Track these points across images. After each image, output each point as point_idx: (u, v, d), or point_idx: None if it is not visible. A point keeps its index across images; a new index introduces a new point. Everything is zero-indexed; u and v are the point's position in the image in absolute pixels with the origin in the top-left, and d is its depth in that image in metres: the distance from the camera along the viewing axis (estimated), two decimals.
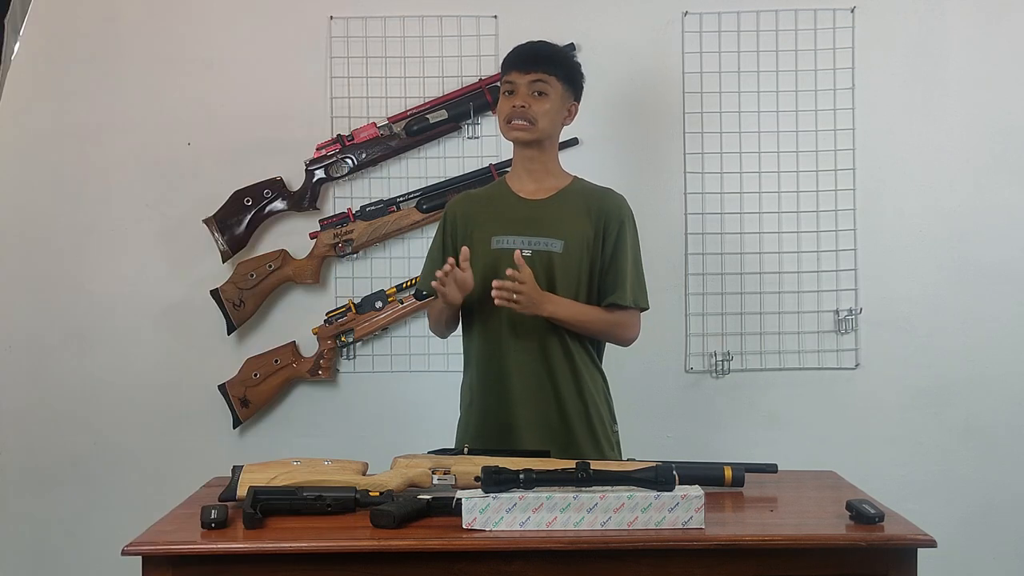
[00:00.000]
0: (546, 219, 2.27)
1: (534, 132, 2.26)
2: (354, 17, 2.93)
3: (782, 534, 1.71)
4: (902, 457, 2.94)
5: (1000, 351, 2.94)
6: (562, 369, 2.24)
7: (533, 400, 2.23)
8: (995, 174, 2.94)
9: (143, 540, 1.69)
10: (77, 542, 2.94)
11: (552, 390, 2.24)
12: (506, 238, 2.27)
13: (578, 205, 2.30)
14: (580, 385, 2.25)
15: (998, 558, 2.95)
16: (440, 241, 2.37)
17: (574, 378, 2.25)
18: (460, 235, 2.32)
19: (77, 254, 2.95)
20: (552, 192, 2.31)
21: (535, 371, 2.24)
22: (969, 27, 2.93)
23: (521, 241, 2.26)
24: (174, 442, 2.94)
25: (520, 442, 2.20)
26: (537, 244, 2.25)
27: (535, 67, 2.26)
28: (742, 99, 2.93)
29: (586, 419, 2.25)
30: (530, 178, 2.32)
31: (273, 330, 2.95)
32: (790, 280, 2.94)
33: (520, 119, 2.24)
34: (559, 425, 2.24)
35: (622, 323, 2.29)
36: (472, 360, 2.33)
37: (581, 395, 2.25)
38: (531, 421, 2.23)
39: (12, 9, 1.94)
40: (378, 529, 1.72)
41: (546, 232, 2.26)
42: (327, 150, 2.89)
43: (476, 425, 2.29)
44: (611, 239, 2.28)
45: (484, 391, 2.28)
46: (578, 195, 2.32)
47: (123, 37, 2.94)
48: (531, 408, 2.23)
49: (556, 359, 2.24)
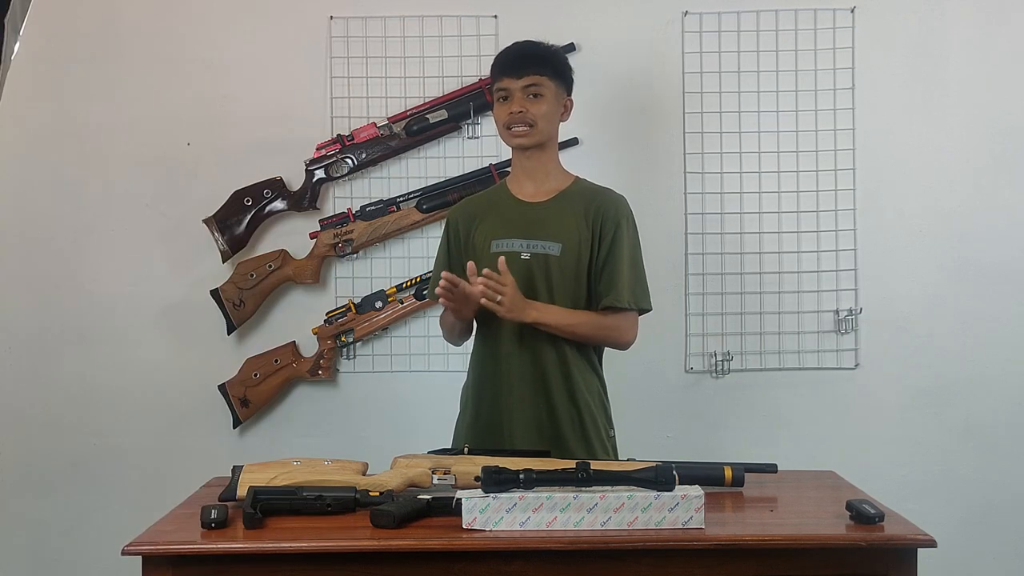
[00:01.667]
0: (544, 222, 2.27)
1: (535, 135, 2.25)
2: (354, 17, 2.93)
3: (782, 534, 1.71)
4: (902, 457, 2.94)
5: (1000, 351, 2.94)
6: (555, 373, 2.23)
7: (524, 403, 2.23)
8: (995, 174, 2.94)
9: (143, 540, 1.69)
10: (77, 542, 2.94)
11: (544, 394, 2.23)
12: (505, 241, 2.26)
13: (576, 207, 2.28)
14: (573, 389, 2.24)
15: (998, 558, 2.95)
16: (444, 247, 2.36)
17: (566, 382, 2.23)
18: (462, 240, 2.32)
19: (77, 254, 2.95)
20: (552, 194, 2.30)
21: (528, 374, 2.23)
22: (969, 27, 2.93)
23: (520, 244, 2.25)
24: (174, 442, 2.94)
25: (511, 444, 2.20)
26: (535, 247, 2.24)
27: (526, 70, 2.24)
28: (742, 99, 2.93)
29: (579, 424, 2.24)
30: (530, 180, 2.31)
31: (273, 330, 2.95)
32: (790, 280, 2.94)
33: (520, 124, 2.24)
34: (550, 429, 2.23)
35: (616, 327, 2.26)
36: (473, 362, 2.34)
37: (574, 399, 2.24)
38: (522, 424, 2.22)
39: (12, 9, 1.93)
40: (378, 529, 1.72)
41: (544, 235, 2.25)
42: (327, 150, 2.89)
43: (468, 425, 2.30)
44: (607, 240, 2.25)
45: (479, 392, 2.29)
46: (577, 196, 2.30)
47: (123, 37, 2.94)
48: (522, 411, 2.23)
49: (549, 363, 2.23)
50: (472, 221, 2.32)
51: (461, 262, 2.25)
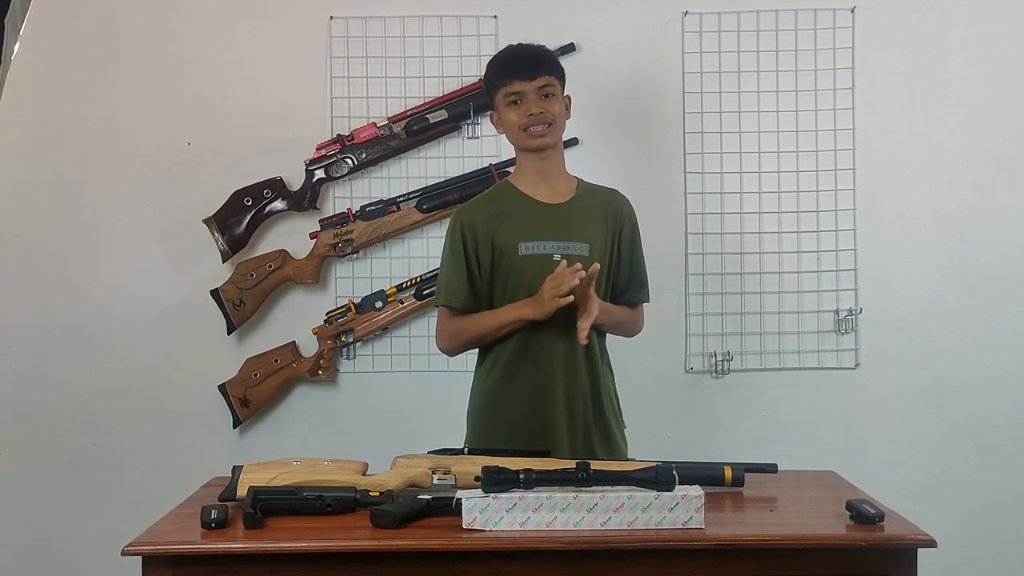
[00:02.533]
0: (571, 223, 2.27)
1: (555, 134, 2.27)
2: (354, 17, 2.93)
3: (782, 534, 1.71)
4: (902, 457, 2.94)
5: (1000, 351, 2.94)
6: (582, 368, 2.24)
7: (564, 400, 2.23)
8: (995, 174, 2.94)
9: (143, 540, 1.69)
10: (77, 542, 2.94)
11: (578, 393, 2.24)
12: (535, 244, 2.25)
13: (594, 207, 2.31)
14: (595, 383, 2.26)
15: (998, 558, 2.95)
16: (461, 250, 2.28)
17: (591, 379, 2.26)
18: (481, 242, 2.27)
19: (77, 254, 2.95)
20: (567, 196, 2.31)
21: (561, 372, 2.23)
22: (969, 27, 2.93)
23: (552, 246, 2.25)
24: (174, 442, 2.94)
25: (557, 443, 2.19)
26: (566, 248, 2.25)
27: (539, 71, 2.26)
28: (742, 99, 2.93)
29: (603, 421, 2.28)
30: (544, 182, 2.31)
31: (273, 330, 2.95)
32: (790, 280, 2.94)
33: (539, 124, 2.24)
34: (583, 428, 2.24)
35: (638, 319, 2.41)
36: (496, 363, 2.28)
37: (598, 397, 2.27)
38: (565, 421, 2.22)
39: (12, 9, 1.93)
40: (378, 529, 1.72)
41: (572, 236, 2.26)
42: (327, 150, 2.89)
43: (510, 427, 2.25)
44: (626, 239, 2.33)
45: (514, 393, 2.25)
46: (591, 197, 2.33)
47: (123, 37, 2.94)
48: (562, 408, 2.23)
49: (580, 362, 2.24)
50: (490, 223, 2.29)
51: (481, 265, 2.25)
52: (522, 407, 2.25)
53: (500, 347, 2.27)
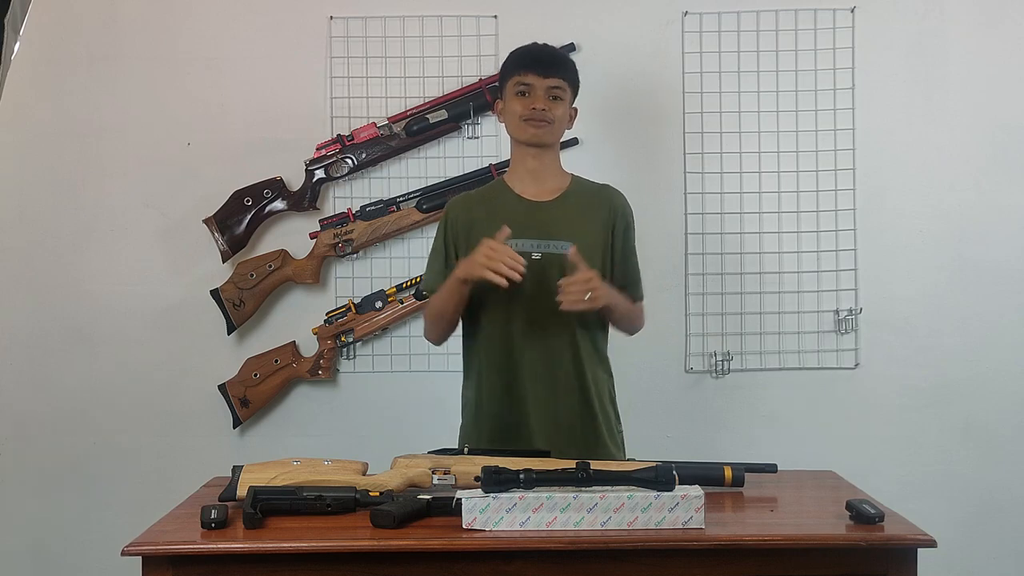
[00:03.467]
0: (554, 221, 2.27)
1: (552, 134, 2.27)
2: (354, 17, 2.93)
3: (782, 534, 1.71)
4: (902, 457, 2.94)
5: (1000, 351, 2.94)
6: (568, 369, 2.24)
7: (539, 401, 2.23)
8: (995, 174, 2.94)
9: (143, 540, 1.69)
10: (77, 542, 2.94)
11: (559, 391, 2.23)
12: (514, 241, 2.25)
13: (583, 205, 2.30)
14: (585, 385, 2.25)
15: (998, 558, 2.95)
16: (442, 241, 2.33)
17: (579, 379, 2.25)
18: (462, 238, 2.29)
19: (77, 254, 2.95)
20: (556, 193, 2.31)
21: (540, 372, 2.23)
22: (969, 27, 2.93)
23: (532, 244, 2.25)
24: (174, 442, 2.94)
25: (529, 444, 2.19)
26: (547, 247, 2.24)
27: (555, 71, 2.26)
28: (742, 99, 2.93)
29: (590, 420, 2.25)
30: (532, 179, 2.31)
31: (273, 330, 2.95)
32: (790, 280, 2.94)
33: (539, 120, 2.24)
34: (566, 427, 2.23)
35: (640, 315, 2.37)
36: (476, 364, 2.31)
37: (586, 395, 2.25)
38: (540, 422, 2.22)
39: (12, 9, 1.94)
40: (378, 529, 1.72)
41: (555, 234, 2.25)
42: (327, 150, 2.89)
43: (489, 429, 2.26)
44: (620, 236, 2.31)
45: (491, 394, 2.26)
46: (582, 195, 2.32)
47: (123, 37, 2.94)
48: (539, 410, 2.22)
49: (564, 359, 2.24)
50: (474, 220, 2.30)
51: (460, 258, 2.25)
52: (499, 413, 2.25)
53: (472, 353, 2.31)
